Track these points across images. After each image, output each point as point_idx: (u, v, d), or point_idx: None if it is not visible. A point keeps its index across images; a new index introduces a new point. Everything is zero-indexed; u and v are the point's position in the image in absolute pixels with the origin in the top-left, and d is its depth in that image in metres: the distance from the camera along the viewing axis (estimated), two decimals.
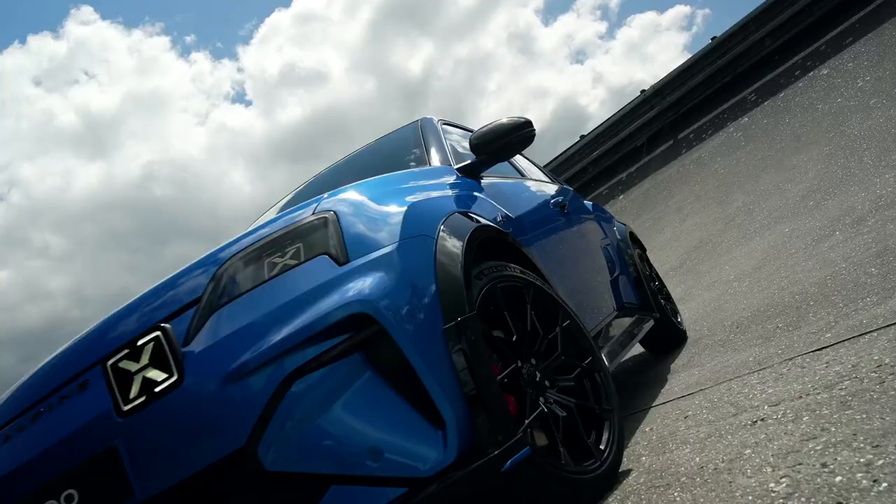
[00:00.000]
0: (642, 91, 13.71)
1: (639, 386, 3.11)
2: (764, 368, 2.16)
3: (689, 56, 12.19)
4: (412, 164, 2.61)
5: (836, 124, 7.12)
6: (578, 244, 3.14)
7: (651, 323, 3.39)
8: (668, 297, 4.12)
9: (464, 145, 2.97)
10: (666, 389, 2.68)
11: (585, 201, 3.95)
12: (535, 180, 3.38)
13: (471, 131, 3.29)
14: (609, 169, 12.71)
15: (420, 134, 2.75)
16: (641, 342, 3.79)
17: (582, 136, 15.17)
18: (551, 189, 3.37)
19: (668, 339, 3.69)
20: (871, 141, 6.06)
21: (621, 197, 11.46)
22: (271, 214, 3.12)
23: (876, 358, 1.66)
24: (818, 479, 1.14)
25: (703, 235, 7.04)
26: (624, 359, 3.15)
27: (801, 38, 9.94)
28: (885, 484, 1.02)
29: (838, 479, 1.11)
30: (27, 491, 1.45)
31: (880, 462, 1.11)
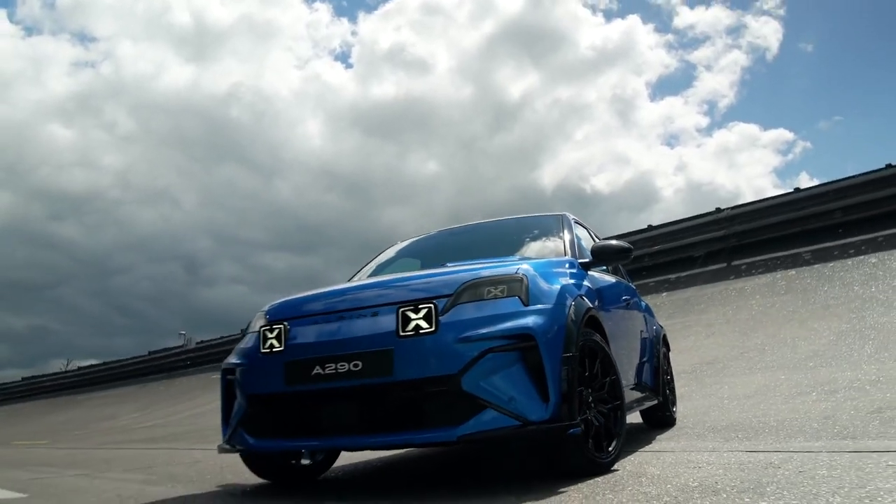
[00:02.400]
0: (718, 209, 14.94)
1: (633, 441, 4.41)
2: (713, 451, 3.47)
3: (773, 193, 13.42)
4: (549, 243, 4.00)
5: (860, 309, 8.33)
6: (627, 329, 4.46)
7: (654, 402, 4.70)
8: (673, 391, 5.42)
9: (581, 234, 4.36)
10: (649, 446, 3.99)
11: (641, 301, 5.28)
12: (616, 277, 4.72)
13: (586, 227, 4.67)
14: (663, 266, 13.93)
15: (561, 227, 4.13)
16: (642, 414, 5.08)
17: (650, 226, 16.44)
18: (624, 287, 4.71)
19: (661, 419, 4.98)
20: (879, 334, 7.28)
21: (664, 294, 12.70)
22: (402, 244, 4.60)
23: (761, 458, 2.98)
24: (697, 483, 2.47)
25: (718, 355, 8.29)
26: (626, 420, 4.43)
27: (867, 223, 11.12)
28: (722, 490, 2.35)
29: (695, 484, 2.44)
30: (331, 354, 2.84)
31: (724, 480, 2.43)
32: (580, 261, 3.78)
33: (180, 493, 3.44)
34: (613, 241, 3.97)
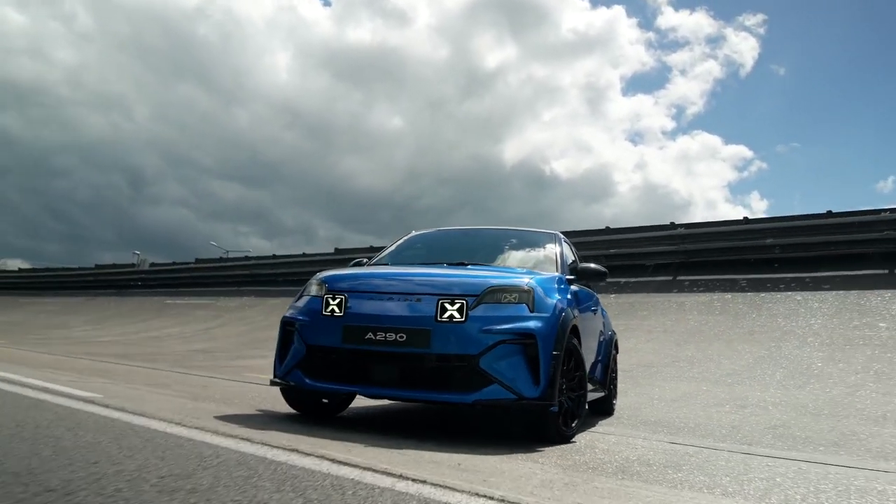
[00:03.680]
0: (672, 224, 16.18)
1: (581, 424, 5.47)
2: (644, 439, 4.52)
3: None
4: (543, 257, 4.97)
5: (780, 339, 9.60)
6: (592, 330, 5.47)
7: (601, 395, 5.75)
8: (615, 387, 6.50)
9: (566, 249, 5.33)
10: (595, 429, 5.03)
11: (603, 308, 6.31)
12: (586, 287, 5.72)
13: (569, 244, 5.65)
14: (615, 269, 15.08)
15: (553, 244, 5.10)
16: (588, 403, 6.13)
17: (608, 228, 17.63)
18: (591, 296, 5.73)
19: (603, 409, 6.04)
20: (791, 364, 8.53)
21: (613, 296, 13.87)
22: (417, 233, 5.46)
23: (679, 448, 4.03)
24: (636, 457, 3.49)
25: (653, 360, 9.46)
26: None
27: (799, 263, 12.47)
28: (653, 464, 3.38)
29: (634, 458, 3.46)
30: (382, 326, 3.76)
31: (654, 458, 3.45)
32: (567, 277, 4.76)
33: (233, 412, 4.32)
34: (592, 265, 4.99)
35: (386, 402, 5.52)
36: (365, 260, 5.26)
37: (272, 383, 4.19)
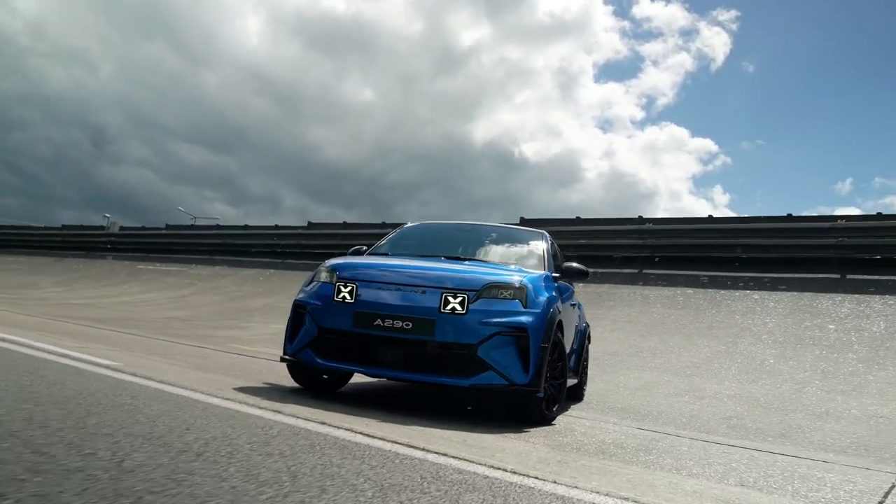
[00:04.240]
0: (640, 217, 16.77)
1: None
2: (615, 424, 5.02)
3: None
4: (531, 253, 5.42)
5: (737, 335, 10.23)
6: (571, 324, 5.95)
7: (574, 382, 6.25)
8: (586, 375, 7.01)
9: (549, 247, 5.78)
10: (569, 413, 5.52)
11: (579, 302, 6.80)
12: (567, 282, 6.20)
13: (553, 242, 6.11)
14: (584, 259, 15.60)
15: (540, 242, 5.56)
16: None
17: (578, 218, 18.18)
18: (568, 290, 6.20)
19: (575, 394, 6.55)
20: (745, 360, 9.15)
21: (581, 286, 14.41)
22: (413, 224, 5.88)
23: (647, 434, 4.53)
24: (611, 440, 3.97)
25: (618, 349, 10.02)
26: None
27: (759, 264, 13.14)
28: (626, 446, 3.86)
29: (610, 440, 3.95)
30: (390, 314, 4.17)
31: (626, 441, 3.94)
32: (553, 275, 5.21)
33: (246, 384, 4.70)
34: (575, 264, 5.47)
35: (377, 380, 5.94)
36: (364, 248, 5.64)
37: (282, 360, 4.58)
